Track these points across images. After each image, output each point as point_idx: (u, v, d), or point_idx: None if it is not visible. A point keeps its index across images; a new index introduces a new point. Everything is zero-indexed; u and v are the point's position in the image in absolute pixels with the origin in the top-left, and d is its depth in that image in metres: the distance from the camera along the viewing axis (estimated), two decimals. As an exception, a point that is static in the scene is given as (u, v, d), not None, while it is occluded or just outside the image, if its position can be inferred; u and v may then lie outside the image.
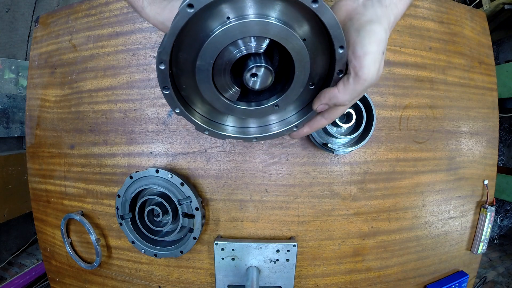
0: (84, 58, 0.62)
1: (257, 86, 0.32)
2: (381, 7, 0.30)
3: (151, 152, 0.59)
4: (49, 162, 0.67)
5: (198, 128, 0.36)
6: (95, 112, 0.61)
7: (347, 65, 0.30)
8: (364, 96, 0.51)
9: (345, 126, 0.52)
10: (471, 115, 0.67)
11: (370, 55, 0.28)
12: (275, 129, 0.38)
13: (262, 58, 0.30)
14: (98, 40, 0.60)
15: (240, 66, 0.32)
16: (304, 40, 0.29)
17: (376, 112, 0.53)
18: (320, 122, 0.37)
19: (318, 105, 0.33)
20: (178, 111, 0.32)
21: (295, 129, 0.38)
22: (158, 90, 0.58)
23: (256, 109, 0.35)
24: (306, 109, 0.37)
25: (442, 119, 0.64)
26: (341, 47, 0.29)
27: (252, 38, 0.29)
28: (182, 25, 0.26)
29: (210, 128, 0.36)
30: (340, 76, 0.31)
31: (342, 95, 0.31)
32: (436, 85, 0.63)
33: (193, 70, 0.31)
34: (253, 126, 0.39)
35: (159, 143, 0.59)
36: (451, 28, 0.65)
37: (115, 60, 0.59)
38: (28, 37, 1.70)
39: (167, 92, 0.31)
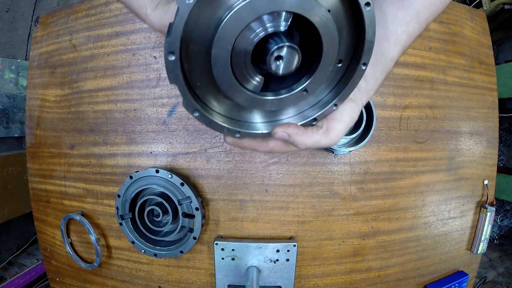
0: (84, 58, 0.62)
1: (282, 70, 0.27)
2: (359, 93, 0.34)
3: (151, 152, 0.59)
4: (49, 162, 0.67)
5: (216, 128, 0.31)
6: (95, 112, 0.61)
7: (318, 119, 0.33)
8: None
9: (345, 126, 0.52)
10: (471, 115, 0.67)
11: (345, 123, 0.32)
12: (312, 114, 0.34)
13: (284, 37, 0.26)
14: (98, 40, 0.60)
15: (259, 50, 0.27)
16: (329, 11, 0.26)
17: (376, 112, 0.53)
18: (262, 148, 0.34)
19: (279, 131, 0.31)
20: (197, 114, 0.28)
21: (314, 122, 0.34)
22: (158, 90, 0.58)
23: (282, 98, 0.31)
24: (338, 87, 0.33)
25: (442, 119, 0.64)
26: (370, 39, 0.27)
27: (271, 15, 0.25)
28: (192, 2, 0.22)
29: (229, 126, 0.31)
30: (364, 68, 0.29)
31: (304, 139, 0.31)
32: (436, 85, 0.63)
33: (208, 63, 0.26)
34: (287, 116, 0.34)
35: (159, 143, 0.59)
36: (451, 28, 0.65)
37: (115, 60, 0.59)
38: (28, 37, 1.70)
39: (181, 89, 0.26)
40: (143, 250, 0.56)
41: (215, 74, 0.27)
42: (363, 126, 0.53)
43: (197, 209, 0.53)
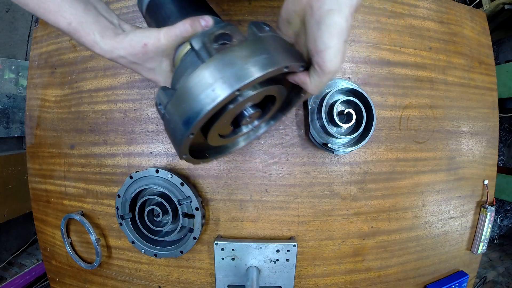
0: (84, 58, 0.62)
1: (249, 126, 0.38)
2: None
3: (151, 152, 0.59)
4: (49, 162, 0.67)
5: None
6: (95, 112, 0.61)
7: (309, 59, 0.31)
8: (364, 96, 0.51)
9: (345, 126, 0.52)
10: (471, 115, 0.67)
11: (331, 49, 0.28)
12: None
13: (254, 107, 0.34)
14: (98, 40, 0.60)
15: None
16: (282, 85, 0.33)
17: (376, 112, 0.53)
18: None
19: (291, 79, 0.34)
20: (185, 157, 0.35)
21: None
22: (158, 90, 0.58)
23: (242, 133, 0.40)
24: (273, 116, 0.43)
25: (442, 119, 0.64)
26: (286, 67, 0.29)
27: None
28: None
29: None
30: (301, 70, 0.32)
31: (311, 86, 0.32)
32: (436, 85, 0.63)
33: (203, 133, 0.33)
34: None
35: (159, 143, 0.59)
36: (451, 28, 0.65)
37: (115, 60, 0.59)
38: (28, 37, 1.70)
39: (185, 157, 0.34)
40: (143, 250, 0.56)
41: (209, 138, 0.34)
42: (363, 126, 0.53)
43: (197, 209, 0.53)
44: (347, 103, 0.53)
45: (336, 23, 0.27)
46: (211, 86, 0.25)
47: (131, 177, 0.54)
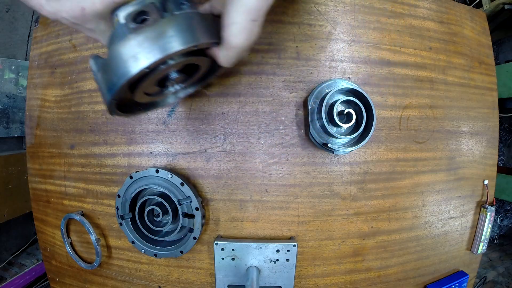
0: (84, 58, 0.62)
1: (176, 87, 0.43)
2: None
3: (151, 152, 0.59)
4: (49, 162, 0.67)
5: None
6: (95, 112, 0.61)
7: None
8: (364, 96, 0.51)
9: (345, 126, 0.52)
10: (471, 115, 0.67)
11: (236, 25, 0.29)
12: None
13: (179, 72, 0.38)
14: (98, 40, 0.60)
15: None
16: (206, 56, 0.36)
17: (376, 112, 0.53)
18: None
19: (209, 53, 0.36)
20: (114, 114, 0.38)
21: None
22: (158, 90, 0.58)
23: (170, 92, 0.44)
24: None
25: (442, 119, 0.64)
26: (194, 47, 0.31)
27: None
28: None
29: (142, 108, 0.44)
30: (215, 46, 0.34)
31: (221, 59, 0.34)
32: (436, 85, 0.63)
33: (130, 90, 0.37)
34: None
35: (159, 143, 0.59)
36: (451, 28, 0.65)
37: (115, 60, 0.59)
38: (28, 37, 1.70)
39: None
40: (143, 250, 0.56)
41: (135, 96, 0.38)
42: (363, 126, 0.53)
43: (197, 209, 0.53)
44: (347, 103, 0.53)
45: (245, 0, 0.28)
46: (126, 63, 0.29)
47: (131, 177, 0.54)
